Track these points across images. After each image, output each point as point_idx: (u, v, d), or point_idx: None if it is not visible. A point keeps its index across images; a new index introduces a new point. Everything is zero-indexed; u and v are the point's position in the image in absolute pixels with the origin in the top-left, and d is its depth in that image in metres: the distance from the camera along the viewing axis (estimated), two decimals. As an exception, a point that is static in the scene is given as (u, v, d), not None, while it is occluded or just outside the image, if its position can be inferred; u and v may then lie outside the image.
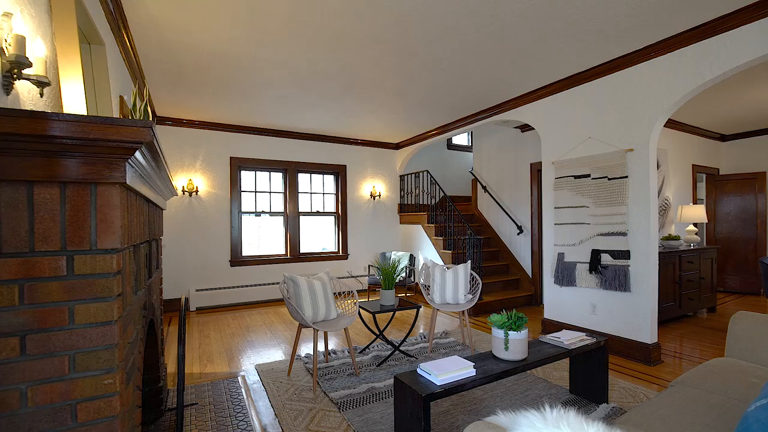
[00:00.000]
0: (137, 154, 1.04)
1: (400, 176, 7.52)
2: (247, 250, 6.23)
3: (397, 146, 7.42)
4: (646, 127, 3.35)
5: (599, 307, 3.74)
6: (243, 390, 2.93)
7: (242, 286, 5.93)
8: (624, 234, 3.51)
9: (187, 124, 5.56)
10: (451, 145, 8.99)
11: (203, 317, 5.22)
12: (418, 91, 4.43)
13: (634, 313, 3.46)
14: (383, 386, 2.92)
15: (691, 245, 5.14)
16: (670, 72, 3.17)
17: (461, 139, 9.28)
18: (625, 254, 3.49)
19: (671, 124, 5.62)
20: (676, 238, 4.95)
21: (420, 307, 3.54)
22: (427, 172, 7.04)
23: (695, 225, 6.10)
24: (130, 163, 1.05)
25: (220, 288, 5.78)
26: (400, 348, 3.61)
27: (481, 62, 3.59)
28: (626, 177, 3.49)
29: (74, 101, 1.54)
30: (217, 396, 2.82)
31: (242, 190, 6.16)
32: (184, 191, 5.57)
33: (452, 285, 3.78)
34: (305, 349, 3.85)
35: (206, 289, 5.67)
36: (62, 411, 0.94)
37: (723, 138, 6.77)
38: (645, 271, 3.38)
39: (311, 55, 3.43)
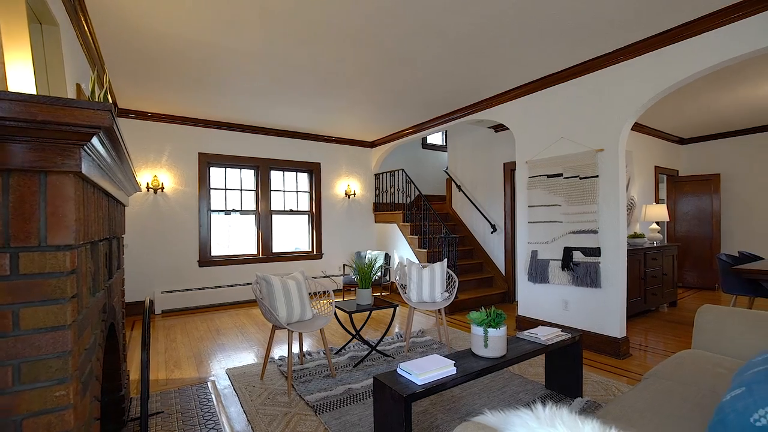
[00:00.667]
0: (95, 140, 0.94)
1: (375, 175, 7.47)
2: (217, 250, 5.99)
3: (372, 144, 7.36)
4: (615, 128, 3.45)
5: (571, 303, 3.82)
6: (213, 396, 2.79)
7: (211, 288, 5.71)
8: (595, 232, 3.60)
9: (152, 117, 5.29)
10: (425, 145, 9.03)
11: (170, 320, 4.98)
12: (394, 88, 4.39)
13: (604, 309, 3.56)
14: (361, 387, 2.86)
15: (655, 243, 5.36)
16: (639, 75, 3.28)
17: (436, 138, 9.33)
18: (596, 251, 3.59)
19: (636, 126, 5.85)
20: (641, 236, 5.16)
21: (397, 306, 3.50)
22: (403, 171, 7.02)
23: (657, 223, 6.39)
24: (86, 151, 0.95)
25: (187, 289, 5.53)
26: (377, 348, 3.56)
27: (458, 61, 3.60)
28: (597, 176, 3.59)
29: (22, 84, 1.39)
30: (185, 403, 2.67)
31: (211, 187, 5.91)
32: (148, 188, 5.29)
33: (429, 283, 3.76)
34: (279, 351, 3.73)
35: (173, 291, 5.41)
36: (4, 429, 0.83)
37: (682, 141, 7.13)
38: (614, 268, 3.48)
39: (285, 47, 3.31)
